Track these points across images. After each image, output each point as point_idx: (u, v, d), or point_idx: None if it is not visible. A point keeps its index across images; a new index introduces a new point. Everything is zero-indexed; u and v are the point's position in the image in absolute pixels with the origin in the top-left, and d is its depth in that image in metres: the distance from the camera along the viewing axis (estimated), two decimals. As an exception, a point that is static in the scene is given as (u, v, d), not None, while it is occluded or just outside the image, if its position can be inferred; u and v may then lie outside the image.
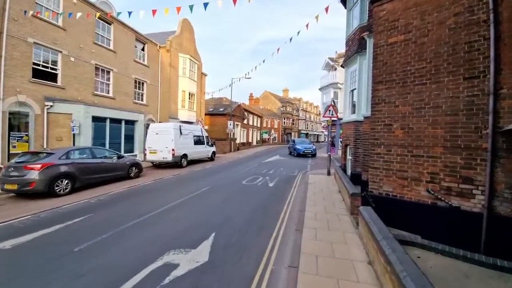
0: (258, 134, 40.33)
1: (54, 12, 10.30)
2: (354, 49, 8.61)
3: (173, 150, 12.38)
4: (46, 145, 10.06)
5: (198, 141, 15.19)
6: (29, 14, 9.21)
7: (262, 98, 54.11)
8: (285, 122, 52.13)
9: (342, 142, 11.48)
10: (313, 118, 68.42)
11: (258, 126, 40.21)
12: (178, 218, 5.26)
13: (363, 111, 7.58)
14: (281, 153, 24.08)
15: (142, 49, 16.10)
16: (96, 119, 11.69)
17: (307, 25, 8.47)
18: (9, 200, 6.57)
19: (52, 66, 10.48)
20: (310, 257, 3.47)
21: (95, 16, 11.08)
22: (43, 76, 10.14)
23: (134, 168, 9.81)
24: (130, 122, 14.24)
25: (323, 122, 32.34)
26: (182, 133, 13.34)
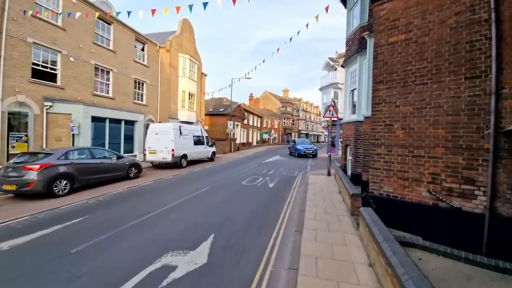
0: (258, 134, 40.30)
1: (54, 12, 10.28)
2: (355, 49, 8.57)
3: (172, 150, 12.34)
4: (46, 145, 10.03)
5: (198, 141, 15.15)
6: (28, 14, 9.19)
7: (262, 98, 54.08)
8: (285, 122, 52.09)
9: (342, 143, 11.44)
10: (313, 118, 68.39)
11: (258, 126, 40.18)
12: (177, 219, 5.23)
13: (364, 111, 7.54)
14: (281, 153, 24.04)
15: (142, 49, 16.08)
16: (95, 119, 11.67)
17: (307, 24, 8.44)
18: (7, 200, 6.54)
19: (51, 66, 10.46)
20: (310, 258, 3.43)
21: (95, 16, 11.05)
22: (43, 76, 10.11)
23: (133, 168, 9.77)
24: (130, 122, 14.21)
25: (323, 122, 32.31)
26: (181, 133, 13.30)
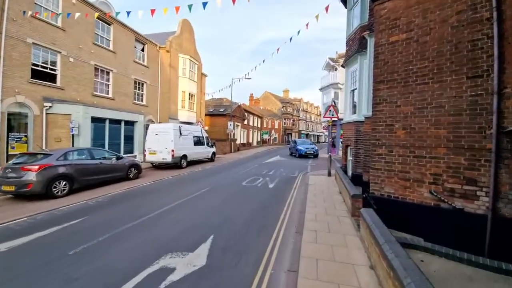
0: (259, 134, 40.26)
1: (53, 12, 10.27)
2: (355, 48, 8.53)
3: (172, 151, 12.31)
4: (45, 146, 10.01)
5: (198, 141, 15.11)
6: (28, 15, 9.18)
7: (262, 98, 54.05)
8: (285, 123, 52.04)
9: (342, 143, 11.39)
10: (313, 119, 68.33)
11: (259, 126, 40.14)
12: (177, 220, 5.19)
13: (364, 111, 7.50)
14: (281, 153, 24.00)
15: (142, 49, 16.06)
16: (95, 120, 11.64)
17: (307, 24, 8.42)
18: (6, 201, 6.51)
19: (51, 67, 10.44)
20: (310, 260, 3.39)
21: (94, 16, 11.04)
22: (42, 76, 10.09)
23: (133, 169, 9.74)
24: (130, 123, 14.18)
25: (324, 123, 32.24)
26: (181, 133, 13.26)
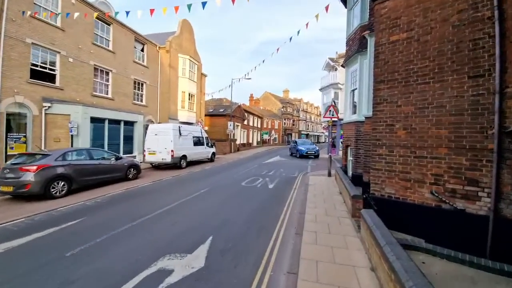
0: (259, 135, 40.22)
1: (52, 12, 10.24)
2: (355, 48, 8.50)
3: (172, 151, 12.26)
4: (44, 146, 9.97)
5: (198, 142, 15.07)
6: (27, 15, 9.15)
7: (262, 99, 54.02)
8: (285, 123, 52.00)
9: (342, 143, 11.35)
10: (313, 119, 68.30)
11: (259, 126, 40.10)
12: (175, 221, 5.15)
13: (364, 111, 7.46)
14: (281, 154, 23.95)
15: (142, 49, 16.03)
16: (94, 120, 11.60)
17: (307, 24, 8.38)
18: (4, 202, 6.47)
19: (50, 67, 10.41)
20: (310, 262, 3.34)
21: (93, 16, 11.00)
22: (41, 77, 10.06)
23: (132, 169, 9.69)
24: (129, 123, 14.15)
25: (324, 123, 32.20)
26: (181, 134, 13.22)
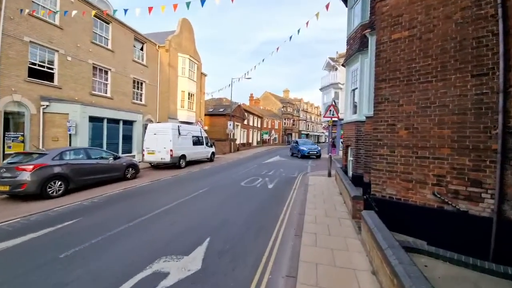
0: (259, 134, 40.13)
1: (50, 10, 10.15)
2: (356, 47, 8.41)
3: (171, 150, 12.18)
4: (42, 145, 9.90)
5: (197, 141, 14.98)
6: (25, 13, 9.06)
7: (262, 98, 53.92)
8: (285, 123, 51.90)
9: (343, 143, 11.26)
10: (313, 119, 68.18)
11: (259, 126, 40.01)
12: (173, 221, 5.07)
13: (365, 111, 7.38)
14: (281, 154, 23.86)
15: (141, 48, 15.95)
16: (93, 119, 11.53)
17: (307, 23, 8.30)
18: (0, 202, 6.39)
19: (48, 66, 10.33)
20: (310, 265, 3.26)
21: (91, 14, 10.91)
22: (39, 75, 9.98)
23: (130, 169, 9.62)
24: (128, 123, 14.06)
25: (324, 123, 32.11)
26: (180, 133, 13.13)
